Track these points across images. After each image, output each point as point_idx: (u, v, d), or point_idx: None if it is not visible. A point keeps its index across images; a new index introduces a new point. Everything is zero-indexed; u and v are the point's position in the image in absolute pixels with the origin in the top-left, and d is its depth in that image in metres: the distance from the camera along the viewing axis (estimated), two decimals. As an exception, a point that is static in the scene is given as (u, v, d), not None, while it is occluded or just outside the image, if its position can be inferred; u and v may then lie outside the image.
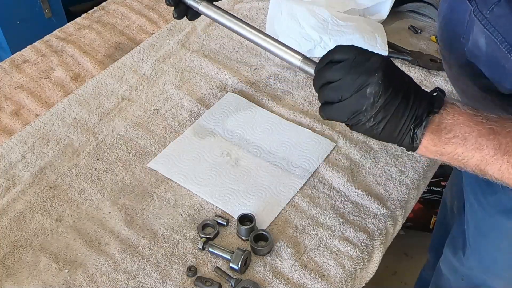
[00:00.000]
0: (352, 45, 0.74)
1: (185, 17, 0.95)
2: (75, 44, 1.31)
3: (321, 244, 0.93)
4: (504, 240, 1.04)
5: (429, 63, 1.25)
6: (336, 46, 0.75)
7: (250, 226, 0.91)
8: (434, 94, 0.74)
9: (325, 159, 1.05)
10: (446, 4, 0.93)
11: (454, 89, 1.19)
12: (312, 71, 0.81)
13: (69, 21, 1.41)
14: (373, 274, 0.95)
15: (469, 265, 1.15)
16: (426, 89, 1.21)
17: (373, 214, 0.97)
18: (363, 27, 1.25)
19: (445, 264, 1.24)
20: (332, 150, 1.06)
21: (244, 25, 0.90)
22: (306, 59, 0.83)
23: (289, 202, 0.98)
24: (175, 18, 0.94)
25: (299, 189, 1.00)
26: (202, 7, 0.91)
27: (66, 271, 0.88)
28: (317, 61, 0.79)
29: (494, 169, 0.72)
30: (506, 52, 0.76)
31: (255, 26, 1.34)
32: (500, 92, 0.84)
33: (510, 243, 1.04)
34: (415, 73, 1.24)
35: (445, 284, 1.26)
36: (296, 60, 0.83)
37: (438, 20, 0.98)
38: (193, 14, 0.95)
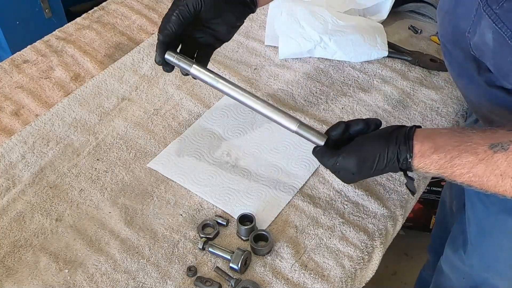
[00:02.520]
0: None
1: None
2: (75, 44, 1.31)
3: (321, 244, 0.93)
4: (507, 238, 1.04)
5: (429, 63, 1.25)
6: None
7: (250, 226, 0.91)
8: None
9: (325, 159, 1.05)
10: None
11: (454, 89, 1.19)
12: (309, 136, 0.87)
13: (69, 21, 1.41)
14: (373, 274, 0.95)
15: (470, 263, 1.15)
16: (425, 89, 1.21)
17: (373, 214, 0.97)
18: (363, 27, 1.25)
19: (446, 263, 1.25)
20: (332, 150, 1.06)
21: (238, 90, 0.90)
22: (302, 124, 0.88)
23: (289, 202, 0.98)
24: (166, 72, 0.94)
25: (299, 189, 1.00)
26: (193, 70, 0.90)
27: (66, 271, 0.88)
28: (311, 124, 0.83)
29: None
30: None
31: (255, 26, 1.35)
32: (505, 87, 0.84)
33: None
34: (415, 73, 1.24)
35: (446, 283, 1.26)
36: (293, 126, 0.88)
37: (439, 15, 0.97)
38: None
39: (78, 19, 1.40)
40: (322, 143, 0.87)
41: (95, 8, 1.43)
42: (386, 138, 0.83)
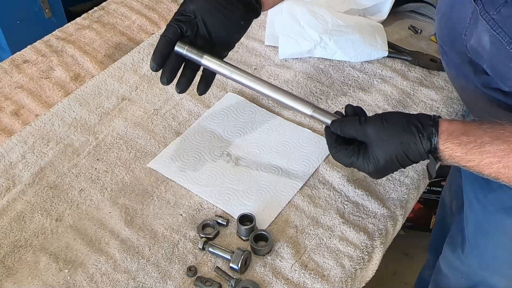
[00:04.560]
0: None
1: None
2: (75, 44, 1.31)
3: (321, 244, 0.93)
4: (504, 237, 1.05)
5: (429, 63, 1.25)
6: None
7: (250, 226, 0.91)
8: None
9: (325, 159, 1.05)
10: (446, 0, 0.93)
11: (454, 89, 1.19)
12: (323, 119, 0.88)
13: (69, 21, 1.41)
14: (373, 274, 0.95)
15: (468, 263, 1.15)
16: (425, 89, 1.21)
17: (373, 214, 0.97)
18: (363, 27, 1.25)
19: (444, 262, 1.25)
20: (332, 150, 1.06)
21: (253, 79, 0.90)
22: (317, 108, 0.88)
23: (289, 202, 0.98)
24: (163, 83, 0.88)
25: (299, 189, 1.00)
26: (205, 61, 0.88)
27: (66, 271, 0.88)
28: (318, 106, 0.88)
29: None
30: None
31: (255, 26, 1.35)
32: (501, 89, 0.84)
33: (510, 240, 1.04)
34: (415, 73, 1.24)
35: (444, 282, 1.26)
36: (308, 110, 0.88)
37: (436, 17, 0.98)
38: (187, 80, 0.91)
39: (78, 19, 1.40)
40: None
41: (95, 8, 1.43)
42: (408, 117, 0.80)
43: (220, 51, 0.93)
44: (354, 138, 0.83)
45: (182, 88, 0.91)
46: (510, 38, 0.76)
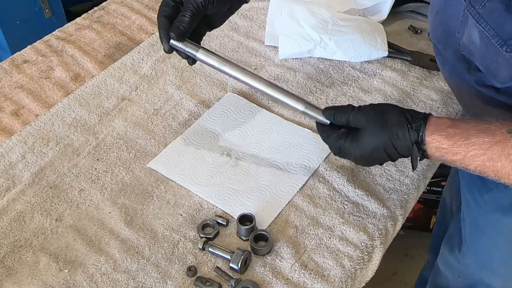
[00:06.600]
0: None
1: None
2: (75, 44, 1.31)
3: (321, 244, 0.93)
4: (500, 237, 1.05)
5: (429, 63, 1.25)
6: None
7: (250, 226, 0.91)
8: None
9: (325, 159, 1.05)
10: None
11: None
12: (315, 115, 0.90)
13: (69, 21, 1.41)
14: (373, 274, 0.95)
15: (465, 262, 1.15)
16: (425, 89, 1.21)
17: (373, 214, 0.97)
18: (363, 27, 1.25)
19: (442, 262, 1.25)
20: (332, 150, 1.06)
21: (245, 73, 0.92)
22: (309, 104, 0.90)
23: (289, 202, 0.98)
24: (185, 59, 0.94)
25: (299, 189, 1.00)
26: (200, 55, 0.91)
27: (66, 271, 0.88)
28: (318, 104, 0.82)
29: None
30: (498, 46, 0.77)
31: (255, 26, 1.35)
32: (494, 86, 0.84)
33: (506, 239, 1.04)
34: (415, 73, 1.24)
35: (442, 282, 1.26)
36: (300, 106, 0.90)
37: (430, 16, 0.98)
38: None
39: (78, 19, 1.40)
40: (328, 121, 0.89)
41: (95, 8, 1.43)
42: (401, 110, 0.83)
43: (205, 32, 0.97)
44: (347, 124, 0.87)
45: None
46: (495, 31, 0.76)
